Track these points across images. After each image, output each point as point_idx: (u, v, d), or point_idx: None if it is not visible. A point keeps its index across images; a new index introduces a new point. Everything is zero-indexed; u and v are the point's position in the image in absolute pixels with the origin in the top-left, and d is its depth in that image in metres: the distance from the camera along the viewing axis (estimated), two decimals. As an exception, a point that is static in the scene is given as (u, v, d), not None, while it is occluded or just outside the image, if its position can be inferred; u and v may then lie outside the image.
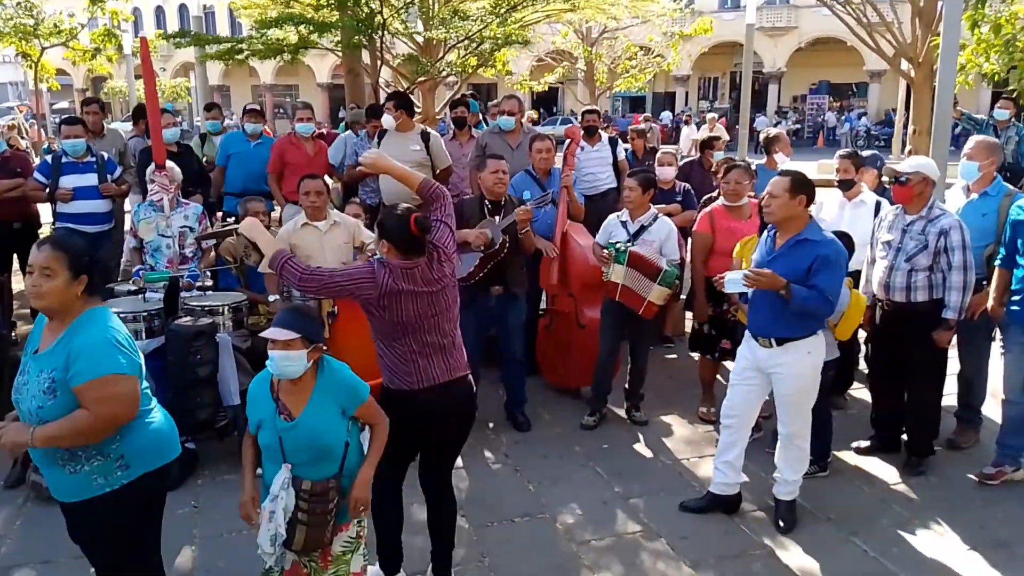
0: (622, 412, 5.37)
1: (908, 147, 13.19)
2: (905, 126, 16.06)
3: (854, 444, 4.84)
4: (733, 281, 3.81)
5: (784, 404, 3.95)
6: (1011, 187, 4.78)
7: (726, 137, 10.06)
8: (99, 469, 2.62)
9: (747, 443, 4.14)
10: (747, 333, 4.04)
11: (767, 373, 3.93)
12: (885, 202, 5.11)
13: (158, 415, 2.81)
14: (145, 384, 2.72)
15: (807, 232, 3.75)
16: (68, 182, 5.88)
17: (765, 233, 4.03)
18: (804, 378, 3.87)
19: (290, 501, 2.77)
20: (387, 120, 6.38)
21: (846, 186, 5.28)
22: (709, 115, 11.02)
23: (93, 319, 2.61)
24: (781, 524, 4.00)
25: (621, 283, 4.86)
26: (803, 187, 3.72)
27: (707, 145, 7.20)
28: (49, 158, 6.15)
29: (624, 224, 5.06)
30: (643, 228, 5.01)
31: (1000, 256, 4.41)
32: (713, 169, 6.44)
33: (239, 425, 4.41)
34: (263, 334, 2.77)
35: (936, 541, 3.91)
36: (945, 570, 3.68)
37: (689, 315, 5.69)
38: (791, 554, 3.81)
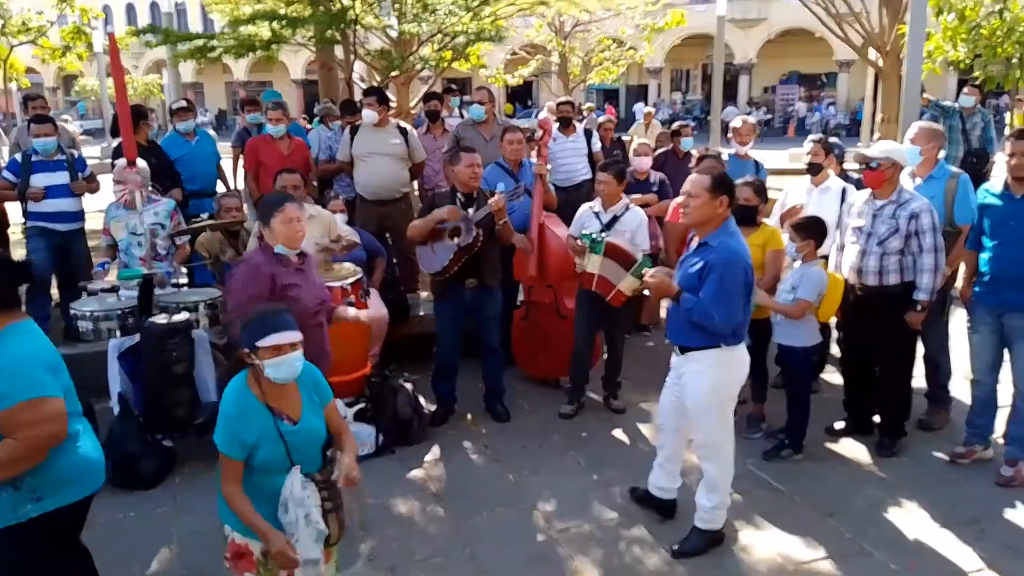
0: (600, 400, 5.41)
1: (876, 135, 13.35)
2: (874, 115, 16.24)
3: (827, 427, 4.91)
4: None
5: (691, 415, 3.69)
6: (955, 169, 4.90)
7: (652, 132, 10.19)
8: (7, 502, 2.40)
9: (680, 448, 3.94)
10: None
11: (679, 380, 3.73)
12: (851, 188, 5.19)
13: (87, 441, 2.62)
14: (71, 406, 2.54)
15: (709, 236, 3.49)
16: (39, 181, 5.79)
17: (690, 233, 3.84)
18: (704, 393, 3.57)
19: (315, 497, 2.71)
20: (370, 115, 6.38)
21: (815, 170, 5.36)
22: (645, 110, 10.87)
23: (13, 336, 2.43)
24: (674, 547, 3.72)
25: (598, 273, 4.89)
26: (725, 187, 3.46)
27: (676, 134, 7.26)
28: (19, 156, 6.05)
29: (597, 214, 5.09)
30: (615, 218, 5.04)
31: (969, 239, 4.50)
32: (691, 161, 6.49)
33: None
34: (261, 343, 2.62)
35: (910, 520, 3.98)
36: (919, 548, 3.75)
37: (665, 303, 5.72)
38: (769, 537, 3.86)
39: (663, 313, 6.38)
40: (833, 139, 6.16)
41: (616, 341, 5.34)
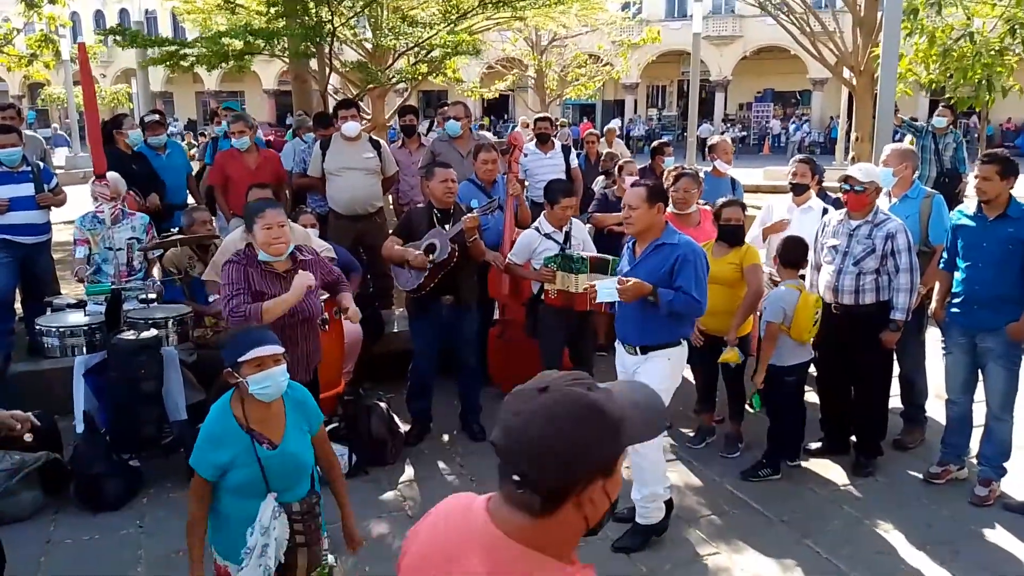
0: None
1: (851, 154, 13.53)
2: (848, 133, 16.49)
3: (804, 446, 4.89)
4: (605, 290, 3.76)
5: None
6: (929, 189, 4.97)
7: (627, 154, 10.21)
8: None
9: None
10: (617, 341, 4.01)
11: (633, 376, 3.87)
12: (831, 208, 5.21)
13: None
14: None
15: (664, 237, 3.81)
16: (3, 192, 5.64)
17: (625, 248, 4.08)
18: (661, 384, 3.70)
19: (283, 531, 2.65)
20: (352, 127, 6.27)
21: (799, 190, 5.38)
22: (608, 127, 10.96)
23: None
24: (619, 545, 3.80)
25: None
26: (659, 196, 3.82)
27: (657, 151, 7.27)
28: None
29: (550, 236, 5.06)
30: (568, 234, 5.07)
31: (943, 260, 4.54)
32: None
33: (186, 442, 4.29)
34: (243, 358, 2.58)
35: (886, 540, 3.98)
36: (895, 569, 3.75)
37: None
38: (745, 558, 3.83)
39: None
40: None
41: (586, 359, 5.26)
